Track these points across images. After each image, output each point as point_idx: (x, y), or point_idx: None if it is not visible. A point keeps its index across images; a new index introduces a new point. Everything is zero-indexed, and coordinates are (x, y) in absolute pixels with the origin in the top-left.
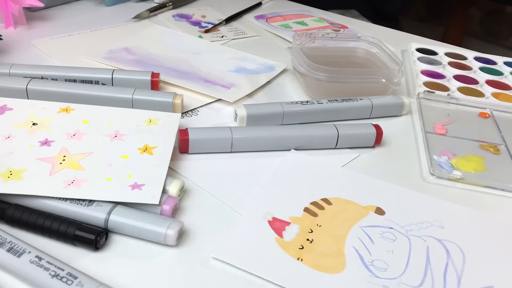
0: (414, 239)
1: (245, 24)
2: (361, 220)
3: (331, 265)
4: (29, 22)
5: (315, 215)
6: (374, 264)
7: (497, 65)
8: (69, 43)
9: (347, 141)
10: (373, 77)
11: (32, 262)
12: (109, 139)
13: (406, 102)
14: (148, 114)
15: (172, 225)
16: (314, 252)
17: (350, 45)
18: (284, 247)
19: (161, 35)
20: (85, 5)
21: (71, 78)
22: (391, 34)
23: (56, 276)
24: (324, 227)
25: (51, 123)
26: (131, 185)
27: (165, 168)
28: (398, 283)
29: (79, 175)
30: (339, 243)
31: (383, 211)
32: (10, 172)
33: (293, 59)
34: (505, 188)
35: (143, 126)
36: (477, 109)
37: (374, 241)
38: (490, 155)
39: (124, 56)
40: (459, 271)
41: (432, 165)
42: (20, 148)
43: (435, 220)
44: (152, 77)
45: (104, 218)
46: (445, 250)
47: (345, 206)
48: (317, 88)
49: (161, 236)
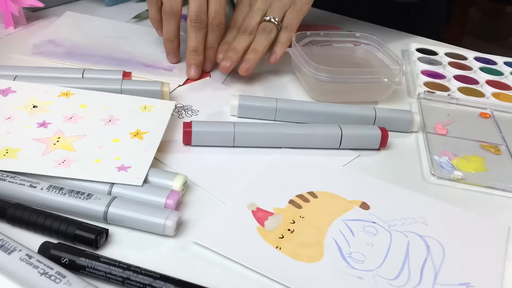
0: (395, 234)
1: None
2: (344, 214)
3: (309, 255)
4: (28, 22)
5: (299, 207)
6: (352, 256)
7: (497, 65)
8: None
9: (350, 142)
10: (374, 77)
11: (21, 260)
12: (103, 123)
13: (417, 119)
14: (144, 101)
15: (170, 216)
16: (293, 242)
17: (350, 45)
18: (264, 236)
19: (77, 23)
20: (85, 5)
21: (42, 77)
22: (391, 34)
23: (44, 274)
24: (306, 218)
25: (50, 106)
26: (118, 167)
27: (152, 152)
28: (373, 275)
29: (70, 156)
30: (319, 234)
31: (368, 206)
32: (6, 150)
33: (293, 59)
34: (506, 189)
35: (138, 112)
36: (478, 109)
37: (355, 234)
38: (491, 156)
39: (52, 49)
40: (437, 267)
41: (433, 166)
42: (18, 128)
43: (419, 217)
44: (124, 76)
45: (103, 210)
46: (425, 246)
47: (330, 200)
48: (317, 88)
49: (159, 226)
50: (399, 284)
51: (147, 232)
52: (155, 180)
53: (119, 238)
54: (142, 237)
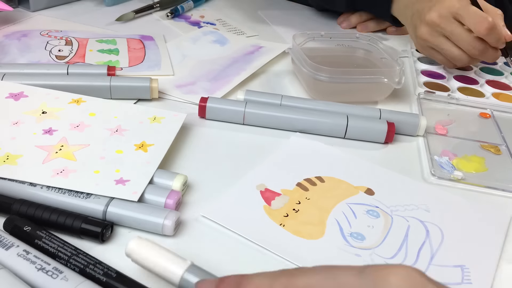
0: (397, 218)
1: (243, 23)
2: (349, 198)
3: (310, 232)
4: (28, 22)
5: (306, 190)
6: (352, 235)
7: (497, 65)
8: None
9: (356, 133)
10: (374, 77)
11: (19, 255)
12: (109, 133)
13: (423, 123)
14: (154, 112)
15: (169, 215)
16: (297, 220)
17: (349, 45)
18: (269, 213)
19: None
20: (85, 5)
21: (28, 74)
22: (391, 34)
23: (42, 270)
24: (312, 200)
25: (59, 112)
26: (117, 180)
27: (154, 166)
28: (370, 253)
29: (70, 166)
30: (322, 215)
31: (373, 192)
32: (7, 156)
33: (293, 59)
34: (506, 189)
35: (146, 123)
36: (478, 109)
37: (358, 216)
38: (491, 156)
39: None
40: (434, 250)
41: (433, 166)
42: (23, 134)
43: (422, 204)
44: (109, 70)
45: (102, 210)
46: (425, 230)
47: (336, 185)
48: (318, 88)
49: (158, 226)
50: (395, 263)
51: (148, 232)
52: (155, 180)
53: (120, 236)
54: (142, 236)
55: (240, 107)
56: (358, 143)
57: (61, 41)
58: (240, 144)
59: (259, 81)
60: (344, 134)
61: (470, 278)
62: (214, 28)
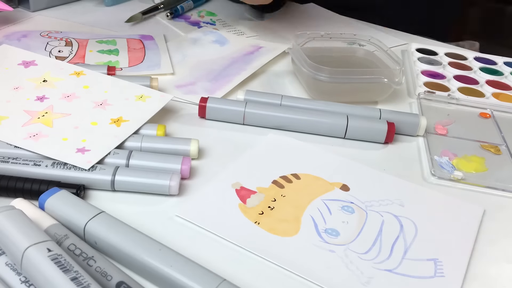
0: (371, 213)
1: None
2: (324, 194)
3: (285, 230)
4: (28, 22)
5: (282, 187)
6: (326, 231)
7: (497, 65)
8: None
9: (356, 133)
10: (374, 77)
11: (7, 265)
12: (93, 105)
13: (423, 123)
14: (143, 91)
15: (173, 177)
16: (272, 217)
17: (349, 45)
18: (244, 212)
19: None
20: (85, 5)
21: None
22: (391, 34)
23: (25, 283)
24: (287, 197)
25: (58, 82)
26: (78, 149)
27: (119, 140)
28: (345, 249)
29: (44, 131)
30: (298, 212)
31: (348, 188)
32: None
33: (293, 59)
34: (506, 189)
35: (132, 100)
36: (478, 109)
37: (332, 212)
38: (491, 156)
39: None
40: (408, 244)
41: (433, 166)
42: (18, 98)
43: (397, 199)
44: (109, 70)
45: (110, 179)
46: (399, 225)
47: (312, 181)
48: (318, 88)
49: (165, 187)
50: (369, 258)
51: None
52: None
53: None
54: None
55: (240, 107)
56: (358, 143)
57: (61, 42)
58: (240, 144)
59: (259, 81)
60: (344, 134)
61: (443, 271)
62: (214, 28)
